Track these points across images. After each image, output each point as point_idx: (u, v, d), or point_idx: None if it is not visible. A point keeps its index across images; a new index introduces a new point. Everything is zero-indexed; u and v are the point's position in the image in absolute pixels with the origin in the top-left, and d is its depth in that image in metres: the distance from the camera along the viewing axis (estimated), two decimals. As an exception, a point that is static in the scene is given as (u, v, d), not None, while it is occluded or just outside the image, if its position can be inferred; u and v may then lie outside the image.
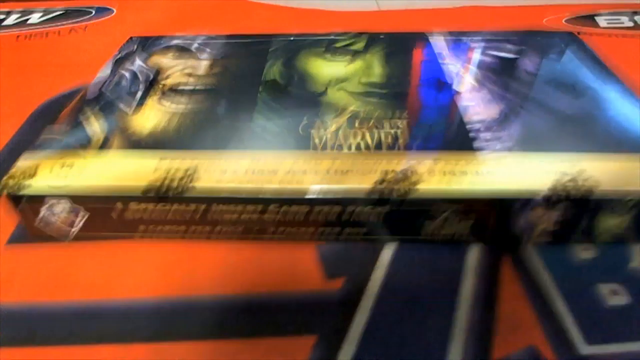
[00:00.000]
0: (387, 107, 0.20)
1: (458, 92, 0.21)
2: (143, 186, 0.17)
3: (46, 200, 0.17)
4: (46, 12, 0.37)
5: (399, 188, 0.16)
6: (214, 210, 0.17)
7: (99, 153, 0.18)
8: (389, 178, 0.17)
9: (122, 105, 0.21)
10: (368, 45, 0.26)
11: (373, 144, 0.18)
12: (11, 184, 0.17)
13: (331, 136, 0.19)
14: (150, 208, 0.17)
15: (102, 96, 0.22)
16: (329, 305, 0.16)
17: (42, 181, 0.17)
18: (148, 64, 0.25)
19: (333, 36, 0.27)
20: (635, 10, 0.36)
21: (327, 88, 0.22)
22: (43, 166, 0.18)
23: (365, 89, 0.22)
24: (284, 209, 0.17)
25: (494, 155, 0.17)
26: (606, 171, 0.17)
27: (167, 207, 0.17)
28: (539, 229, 0.17)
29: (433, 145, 0.18)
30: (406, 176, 0.17)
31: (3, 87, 0.28)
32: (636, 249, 0.17)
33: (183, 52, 0.26)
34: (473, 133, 0.19)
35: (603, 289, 0.16)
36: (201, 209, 0.17)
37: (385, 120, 0.20)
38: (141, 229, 0.18)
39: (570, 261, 0.17)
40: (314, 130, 0.19)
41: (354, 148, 0.18)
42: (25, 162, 0.18)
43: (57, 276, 0.17)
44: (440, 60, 0.24)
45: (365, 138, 0.19)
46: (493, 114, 0.20)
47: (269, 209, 0.17)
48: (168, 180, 0.17)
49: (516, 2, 0.39)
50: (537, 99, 0.21)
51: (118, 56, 0.26)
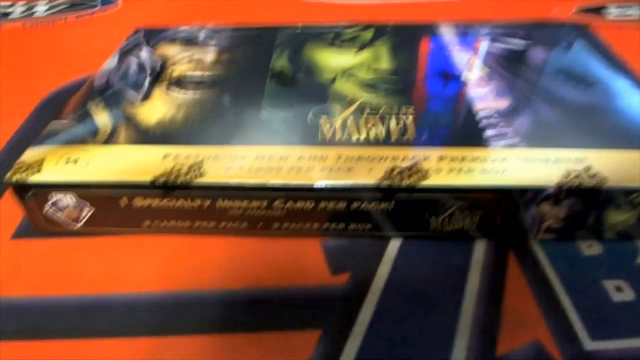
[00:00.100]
0: (396, 99, 0.20)
1: (466, 84, 0.21)
2: (149, 179, 0.17)
3: (51, 194, 0.17)
4: (51, 4, 0.37)
5: (406, 182, 0.16)
6: (220, 204, 0.17)
7: (105, 146, 0.18)
8: (396, 172, 0.16)
9: (129, 95, 0.21)
10: (375, 36, 0.25)
11: (382, 136, 0.18)
12: (17, 178, 0.17)
13: (339, 127, 0.19)
14: (155, 202, 0.17)
15: (109, 87, 0.22)
16: (334, 300, 0.16)
17: (48, 175, 0.17)
18: (155, 55, 0.24)
19: (340, 28, 0.26)
20: (645, 1, 0.36)
21: (335, 78, 0.22)
22: (49, 160, 0.18)
23: (373, 80, 0.22)
24: (290, 204, 0.17)
25: (502, 149, 0.17)
26: (614, 167, 0.17)
27: (173, 202, 0.17)
28: (546, 225, 0.17)
29: (440, 138, 0.18)
30: (413, 170, 0.17)
31: (10, 78, 0.28)
32: (643, 245, 0.17)
33: (189, 43, 0.25)
34: (481, 126, 0.19)
35: (608, 285, 0.16)
36: (207, 204, 0.17)
37: (393, 112, 0.19)
38: (146, 223, 0.18)
39: (575, 257, 0.17)
40: (322, 121, 0.19)
41: (363, 140, 0.18)
42: (31, 156, 0.18)
43: (62, 270, 0.17)
44: (447, 51, 0.24)
45: (373, 130, 0.19)
46: (501, 106, 0.20)
47: (275, 204, 0.17)
48: (175, 172, 0.17)
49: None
50: (546, 92, 0.20)
51: (124, 47, 0.26)
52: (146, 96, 0.21)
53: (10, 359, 0.14)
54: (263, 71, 0.23)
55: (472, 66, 0.23)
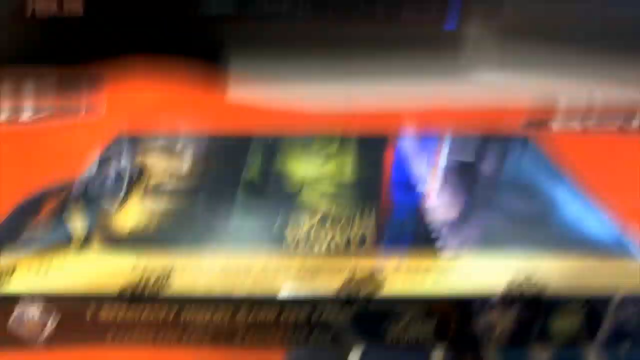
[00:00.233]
0: (356, 209, 0.22)
1: (420, 194, 0.23)
2: (118, 288, 0.17)
3: (20, 301, 0.17)
4: (37, 109, 0.39)
5: (363, 292, 0.17)
6: (185, 315, 0.17)
7: (78, 253, 0.19)
8: (355, 282, 0.17)
9: (106, 203, 0.22)
10: (341, 147, 0.28)
11: (342, 246, 0.20)
12: (-13, 287, 0.17)
13: (304, 235, 0.20)
14: (121, 313, 0.17)
15: (87, 193, 0.23)
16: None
17: (19, 282, 0.17)
18: (133, 163, 0.26)
19: (309, 139, 0.29)
20: (583, 113, 0.40)
21: (302, 188, 0.24)
22: (21, 266, 0.18)
23: (337, 190, 0.23)
24: (253, 314, 0.17)
25: (453, 258, 0.19)
26: (557, 275, 0.18)
27: (139, 313, 0.17)
28: (498, 330, 0.18)
29: (398, 245, 0.19)
30: (370, 280, 0.18)
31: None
32: (590, 350, 0.18)
33: (167, 152, 0.27)
34: (434, 235, 0.20)
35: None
36: (172, 315, 0.18)
37: (353, 221, 0.21)
38: (112, 334, 0.18)
39: (528, 363, 0.18)
40: (288, 229, 0.20)
41: (324, 249, 0.19)
42: (4, 262, 0.18)
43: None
44: (405, 163, 0.26)
45: (335, 237, 0.20)
46: (452, 216, 0.21)
47: (239, 314, 0.17)
48: (143, 282, 0.17)
49: (479, 103, 0.43)
50: (493, 202, 0.22)
51: (104, 154, 0.27)
52: (122, 203, 0.22)
53: None
54: (235, 181, 0.24)
55: (426, 177, 0.25)
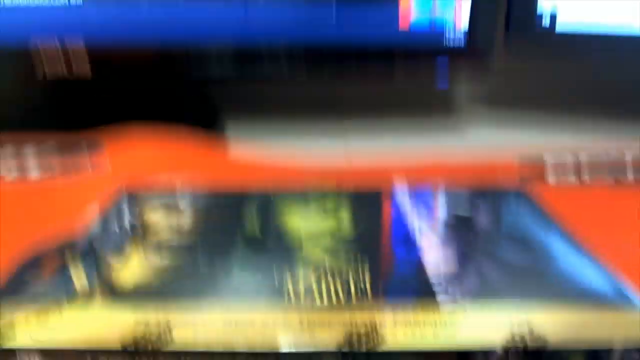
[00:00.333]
0: (355, 264, 0.22)
1: (418, 249, 0.23)
2: (119, 342, 0.17)
3: (21, 355, 0.18)
4: (41, 168, 0.40)
5: (365, 346, 0.17)
6: (185, 368, 0.17)
7: (80, 307, 0.19)
8: (355, 336, 0.18)
9: (109, 258, 0.23)
10: (339, 203, 0.28)
11: (343, 299, 0.20)
12: (-12, 341, 0.17)
13: (303, 291, 0.20)
14: (122, 366, 0.17)
15: (90, 248, 0.23)
16: None
17: (20, 336, 0.18)
18: (136, 219, 0.26)
19: (308, 195, 0.29)
20: (578, 166, 0.41)
21: (301, 243, 0.24)
22: (22, 320, 0.18)
23: (336, 244, 0.24)
24: (254, 367, 0.17)
25: (452, 311, 0.19)
26: (558, 323, 0.18)
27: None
28: (499, 385, 0.18)
29: (398, 298, 0.20)
30: (372, 330, 0.18)
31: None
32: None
33: (169, 209, 0.28)
34: (432, 288, 0.20)
35: None
36: (172, 367, 0.18)
37: (353, 276, 0.21)
38: (111, 389, 0.18)
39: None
40: (288, 283, 0.21)
41: (325, 303, 0.19)
42: (4, 315, 0.19)
43: None
44: (403, 218, 0.26)
45: (334, 293, 0.20)
46: (451, 270, 0.22)
47: (240, 366, 0.17)
48: (145, 336, 0.18)
49: (475, 157, 0.44)
50: (491, 255, 0.23)
51: (107, 211, 0.28)
52: (124, 259, 0.23)
53: None
54: (236, 236, 0.25)
55: (424, 231, 0.25)
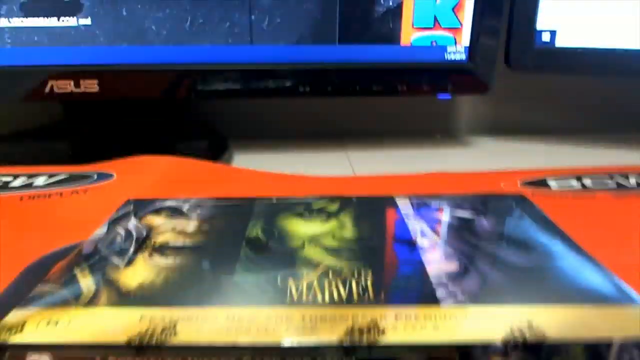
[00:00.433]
0: (357, 263, 0.23)
1: (420, 250, 0.24)
2: (125, 338, 0.18)
3: (30, 351, 0.18)
4: (51, 177, 0.41)
5: (366, 340, 0.17)
6: (190, 363, 0.18)
7: (86, 307, 0.20)
8: (357, 330, 0.18)
9: (115, 260, 0.23)
10: (341, 207, 0.29)
11: (344, 297, 0.20)
12: (-1, 337, 0.18)
13: (305, 289, 0.21)
14: (129, 361, 0.18)
15: (97, 252, 0.24)
16: None
17: (28, 336, 0.18)
18: (142, 224, 0.27)
19: (310, 200, 0.30)
20: (579, 175, 0.41)
21: (304, 245, 0.24)
22: (30, 322, 0.19)
23: (337, 247, 0.24)
24: (258, 359, 0.18)
25: (452, 307, 0.19)
26: (554, 321, 0.18)
27: (146, 360, 0.18)
28: (500, 380, 0.18)
29: (397, 298, 0.20)
30: (373, 325, 0.18)
31: (1, 243, 0.30)
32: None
33: (174, 214, 0.28)
34: (433, 287, 0.21)
35: None
36: (177, 363, 0.18)
37: (354, 275, 0.22)
38: (118, 384, 0.18)
39: (532, 413, 0.18)
40: (291, 283, 0.21)
41: (327, 300, 0.20)
42: (13, 317, 0.19)
43: None
44: (404, 221, 0.27)
45: (336, 291, 0.20)
46: (451, 269, 0.22)
47: (243, 361, 0.18)
48: (149, 333, 0.18)
49: (476, 168, 0.44)
50: (491, 256, 0.23)
51: (114, 217, 0.28)
52: (130, 262, 0.23)
53: None
54: (239, 239, 0.25)
55: (426, 234, 0.25)
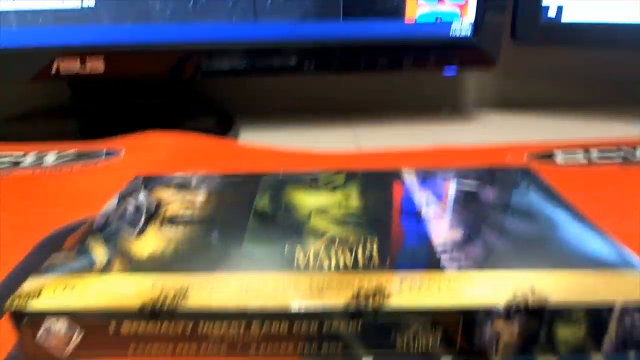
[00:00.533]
0: (363, 232, 0.23)
1: (425, 218, 0.24)
2: (138, 305, 0.18)
3: (45, 320, 0.19)
4: (60, 154, 0.41)
5: (371, 304, 0.18)
6: (201, 328, 0.18)
7: (100, 275, 0.20)
8: (363, 294, 0.18)
9: (125, 232, 0.24)
10: (347, 180, 0.29)
11: (350, 264, 0.20)
12: (16, 304, 0.18)
13: (312, 257, 0.21)
14: (142, 327, 0.18)
15: (108, 225, 0.24)
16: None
17: (45, 301, 0.19)
18: (151, 197, 0.27)
19: (316, 174, 0.30)
20: (585, 148, 0.41)
21: (310, 215, 0.25)
22: (47, 288, 0.19)
23: (343, 217, 0.25)
24: (266, 326, 0.18)
25: (456, 273, 0.20)
26: (557, 286, 0.19)
27: (158, 327, 0.18)
28: (503, 341, 0.18)
29: (402, 264, 0.20)
30: (379, 291, 0.18)
31: (16, 218, 0.30)
32: (595, 357, 0.18)
33: (182, 188, 0.29)
34: (437, 253, 0.21)
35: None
36: (189, 328, 0.18)
37: (360, 242, 0.22)
38: (133, 347, 0.19)
39: (534, 373, 0.18)
40: (297, 252, 0.21)
41: (333, 267, 0.20)
42: (30, 284, 0.20)
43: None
44: (410, 192, 0.27)
45: (342, 258, 0.21)
46: (456, 237, 0.22)
47: (253, 327, 0.18)
48: (161, 299, 0.18)
49: (483, 143, 0.44)
50: (495, 224, 0.23)
51: (124, 191, 0.29)
52: (141, 233, 0.24)
53: None
54: (247, 210, 0.26)
55: (431, 204, 0.26)
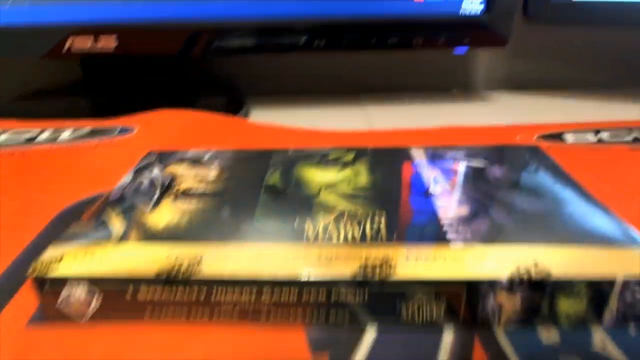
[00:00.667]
0: (371, 207, 0.23)
1: (432, 195, 0.24)
2: (154, 272, 0.19)
3: (66, 287, 0.19)
4: (75, 131, 0.42)
5: (378, 275, 0.19)
6: (214, 296, 0.19)
7: (118, 244, 0.21)
8: (370, 266, 0.19)
9: (141, 204, 0.24)
10: (356, 157, 0.30)
11: (358, 237, 0.21)
12: (39, 270, 0.19)
13: (321, 230, 0.22)
14: (158, 292, 0.19)
15: (124, 198, 0.25)
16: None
17: (66, 267, 0.19)
18: (164, 173, 0.28)
19: (327, 150, 0.31)
20: (596, 129, 0.41)
21: (320, 191, 0.25)
22: (67, 255, 0.20)
23: (352, 192, 0.25)
24: (276, 295, 0.19)
25: (462, 247, 0.20)
26: (560, 261, 0.19)
27: (173, 294, 0.19)
28: (505, 313, 0.19)
29: (410, 238, 0.21)
30: (385, 262, 0.19)
31: (34, 193, 0.31)
32: (597, 330, 0.19)
33: (195, 163, 0.29)
34: (444, 228, 0.21)
35: (565, 368, 0.18)
36: (202, 296, 0.19)
37: (368, 217, 0.22)
38: (149, 312, 0.20)
39: (535, 343, 0.19)
40: (307, 225, 0.22)
41: (342, 240, 0.21)
42: (52, 252, 0.20)
43: (73, 353, 0.19)
44: (418, 169, 0.28)
45: (350, 232, 0.21)
46: (462, 213, 0.23)
47: (263, 296, 0.19)
48: (176, 267, 0.19)
49: (493, 123, 0.44)
50: (501, 201, 0.24)
51: (138, 166, 0.29)
52: (155, 205, 0.24)
53: None
54: (258, 186, 0.26)
55: (439, 181, 0.26)
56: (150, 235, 0.22)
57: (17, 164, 0.36)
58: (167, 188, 0.26)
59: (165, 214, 0.23)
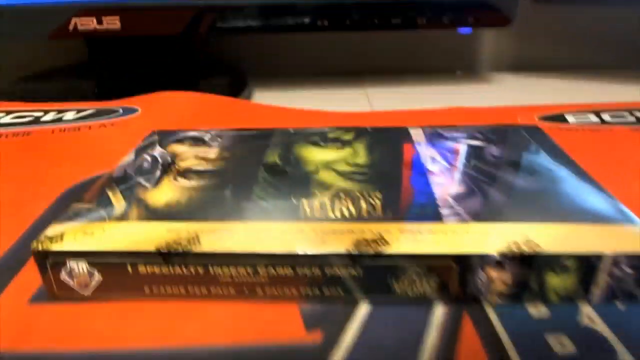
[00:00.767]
0: (367, 186, 0.24)
1: (430, 174, 0.25)
2: (153, 248, 0.20)
3: (67, 262, 0.20)
4: (79, 112, 0.43)
5: (371, 250, 0.19)
6: (212, 271, 0.20)
7: (118, 222, 0.21)
8: (364, 242, 0.19)
9: (143, 183, 0.25)
10: (355, 137, 0.30)
11: (353, 214, 0.21)
12: (39, 248, 0.20)
13: (318, 207, 0.22)
14: (157, 270, 0.20)
15: (126, 176, 0.26)
16: (306, 356, 0.18)
17: (66, 245, 0.20)
18: (166, 151, 0.29)
19: (326, 130, 0.31)
20: (597, 110, 0.41)
21: (318, 169, 0.26)
22: (68, 233, 0.21)
23: (350, 170, 0.25)
24: (272, 270, 0.19)
25: (455, 224, 0.20)
26: (550, 237, 0.19)
27: (172, 270, 0.20)
28: (495, 288, 0.19)
29: (405, 215, 0.21)
30: (379, 238, 0.19)
31: (38, 173, 0.32)
32: (585, 306, 0.19)
33: (196, 142, 0.30)
34: (438, 206, 0.22)
35: (552, 341, 0.18)
36: (201, 271, 0.20)
37: (364, 195, 0.23)
38: (149, 286, 0.20)
39: (524, 318, 0.19)
40: (304, 202, 0.22)
41: (337, 217, 0.21)
42: (53, 230, 0.21)
43: (72, 330, 0.19)
44: (415, 149, 0.28)
45: (346, 209, 0.22)
46: (457, 191, 0.23)
47: (260, 271, 0.20)
48: (176, 243, 0.20)
49: (497, 105, 0.44)
50: (498, 179, 0.24)
51: (141, 145, 0.30)
52: (156, 184, 0.25)
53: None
54: (257, 164, 0.27)
55: (436, 160, 0.26)
56: (150, 213, 0.22)
57: (22, 145, 0.37)
58: (168, 167, 0.27)
59: (165, 193, 0.24)
